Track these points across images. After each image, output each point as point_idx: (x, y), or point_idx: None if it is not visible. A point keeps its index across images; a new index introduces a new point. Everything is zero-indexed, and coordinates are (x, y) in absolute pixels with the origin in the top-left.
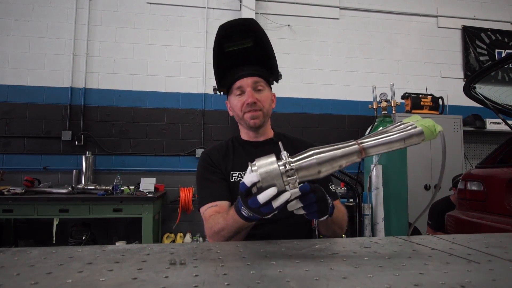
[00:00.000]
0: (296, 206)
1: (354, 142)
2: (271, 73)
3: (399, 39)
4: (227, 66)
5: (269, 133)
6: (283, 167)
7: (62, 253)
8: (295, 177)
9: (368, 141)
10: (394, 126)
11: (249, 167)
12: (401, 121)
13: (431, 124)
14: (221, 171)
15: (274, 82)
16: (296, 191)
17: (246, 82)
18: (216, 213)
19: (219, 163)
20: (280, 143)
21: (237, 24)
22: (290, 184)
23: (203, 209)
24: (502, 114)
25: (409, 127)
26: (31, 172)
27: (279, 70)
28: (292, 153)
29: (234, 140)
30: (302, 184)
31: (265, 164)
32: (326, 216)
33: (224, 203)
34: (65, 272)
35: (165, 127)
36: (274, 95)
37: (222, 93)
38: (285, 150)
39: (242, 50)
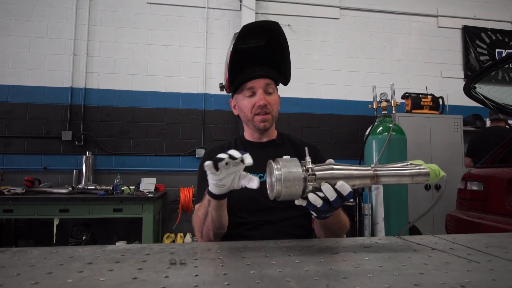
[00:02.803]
0: (317, 202)
1: (369, 168)
2: (279, 75)
3: (399, 39)
4: (239, 65)
5: (273, 134)
6: (305, 172)
7: (62, 253)
8: (314, 182)
9: (382, 170)
10: (404, 164)
11: (272, 164)
12: (408, 162)
13: (436, 168)
14: None
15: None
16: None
17: (258, 84)
18: None
19: None
20: (306, 148)
21: (257, 25)
22: (307, 189)
23: (196, 206)
24: (502, 114)
25: (418, 167)
26: (32, 172)
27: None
28: (294, 156)
29: (237, 140)
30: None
31: (289, 166)
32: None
33: None
34: (65, 272)
35: (165, 127)
36: (279, 96)
37: (228, 91)
38: (288, 152)
39: (255, 50)
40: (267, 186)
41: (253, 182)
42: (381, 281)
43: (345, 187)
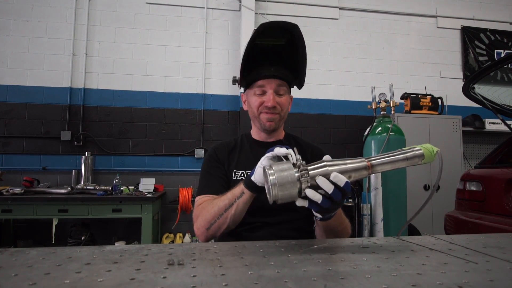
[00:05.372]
0: (316, 197)
1: (363, 159)
2: (295, 77)
3: (398, 39)
4: (255, 62)
5: (280, 135)
6: (298, 171)
7: (61, 254)
8: (308, 178)
9: (376, 159)
10: (398, 151)
11: (266, 170)
12: (403, 148)
13: (429, 146)
14: (224, 167)
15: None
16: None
17: (270, 84)
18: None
19: (223, 160)
20: (295, 149)
21: (276, 25)
22: (304, 188)
23: (198, 197)
24: (501, 115)
25: (411, 150)
26: (30, 172)
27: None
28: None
29: (243, 138)
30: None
31: (282, 169)
32: (327, 216)
33: None
34: (63, 272)
35: (165, 127)
36: (292, 98)
37: (240, 86)
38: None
39: (272, 49)
40: (266, 191)
41: None
42: (379, 281)
43: (339, 178)
